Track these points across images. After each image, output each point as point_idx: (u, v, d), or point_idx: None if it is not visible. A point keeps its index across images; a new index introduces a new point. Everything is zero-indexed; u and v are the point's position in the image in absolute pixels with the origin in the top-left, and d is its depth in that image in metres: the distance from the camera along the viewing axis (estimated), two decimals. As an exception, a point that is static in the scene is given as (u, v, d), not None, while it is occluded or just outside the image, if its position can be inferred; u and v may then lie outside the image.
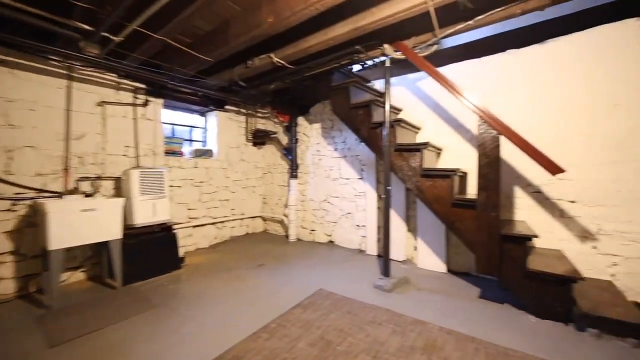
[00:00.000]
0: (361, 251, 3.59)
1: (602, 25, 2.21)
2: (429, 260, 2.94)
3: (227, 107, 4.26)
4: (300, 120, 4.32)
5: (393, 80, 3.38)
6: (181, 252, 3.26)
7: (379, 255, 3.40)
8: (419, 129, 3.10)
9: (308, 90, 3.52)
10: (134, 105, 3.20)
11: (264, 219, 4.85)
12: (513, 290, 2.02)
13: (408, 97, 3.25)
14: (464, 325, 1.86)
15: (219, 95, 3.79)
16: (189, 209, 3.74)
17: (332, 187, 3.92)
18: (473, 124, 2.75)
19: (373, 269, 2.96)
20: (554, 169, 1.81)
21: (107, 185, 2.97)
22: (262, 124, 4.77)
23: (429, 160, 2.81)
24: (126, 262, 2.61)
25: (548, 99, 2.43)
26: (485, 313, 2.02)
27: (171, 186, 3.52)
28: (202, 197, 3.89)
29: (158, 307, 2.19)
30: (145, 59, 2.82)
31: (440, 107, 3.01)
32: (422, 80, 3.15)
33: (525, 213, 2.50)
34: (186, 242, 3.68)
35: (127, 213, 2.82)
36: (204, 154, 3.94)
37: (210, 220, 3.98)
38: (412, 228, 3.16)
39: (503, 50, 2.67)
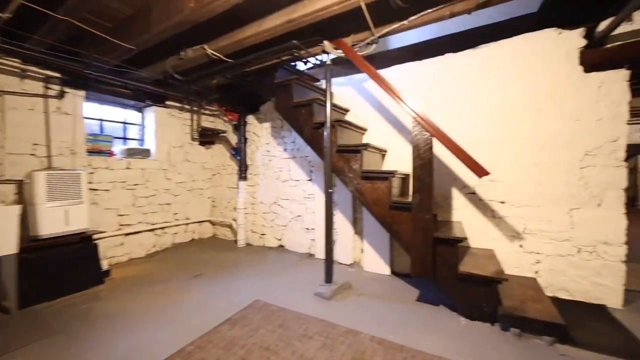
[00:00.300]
0: (310, 255, 3.48)
1: (526, 34, 2.31)
2: (375, 262, 2.90)
3: (168, 102, 3.89)
4: (250, 119, 4.10)
5: (340, 80, 3.32)
6: (107, 264, 2.89)
7: (328, 259, 3.31)
8: (365, 130, 3.06)
9: (253, 87, 3.32)
10: (44, 96, 2.76)
11: (213, 224, 4.54)
12: (446, 293, 2.02)
13: (355, 97, 3.20)
14: (396, 332, 1.81)
15: (156, 90, 3.45)
16: (120, 215, 3.34)
17: (282, 189, 3.76)
18: (415, 126, 2.77)
19: (319, 274, 2.84)
20: (480, 171, 1.82)
21: (7, 190, 2.51)
22: (211, 122, 4.46)
23: (374, 162, 2.77)
24: (27, 281, 2.21)
25: (480, 102, 2.50)
26: (420, 317, 2.00)
27: (96, 190, 3.11)
28: (136, 201, 3.50)
29: (57, 333, 1.86)
30: (53, 42, 2.43)
31: (385, 109, 2.99)
32: (368, 80, 3.11)
33: (462, 214, 2.55)
34: (116, 252, 3.28)
35: (30, 222, 2.41)
36: (139, 153, 3.55)
37: (148, 227, 3.60)
38: (359, 230, 3.11)
39: (442, 53, 2.71)
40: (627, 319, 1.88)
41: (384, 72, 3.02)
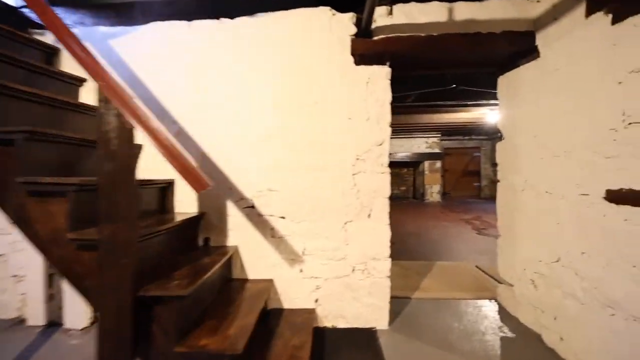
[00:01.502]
0: (22, 321, 2.05)
1: (303, 9, 1.88)
2: (121, 320, 1.87)
3: None
4: None
5: (74, 32, 2.08)
6: None
7: (50, 324, 2.01)
8: (106, 113, 1.96)
9: None
10: None
11: None
12: (167, 380, 1.24)
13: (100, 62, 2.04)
14: None
15: None
16: None
17: (-32, 210, 2.10)
18: (184, 111, 1.94)
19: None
20: (198, 184, 1.13)
21: None
22: None
23: (140, 167, 1.74)
24: None
25: (254, 87, 1.91)
26: None
27: None
28: None
29: None
30: None
31: (141, 84, 2.01)
32: (119, 38, 2.05)
33: (240, 234, 1.90)
34: None
35: None
36: None
37: None
38: (99, 272, 1.99)
39: (218, 17, 1.99)
40: (389, 347, 1.68)
41: (141, 29, 2.04)
